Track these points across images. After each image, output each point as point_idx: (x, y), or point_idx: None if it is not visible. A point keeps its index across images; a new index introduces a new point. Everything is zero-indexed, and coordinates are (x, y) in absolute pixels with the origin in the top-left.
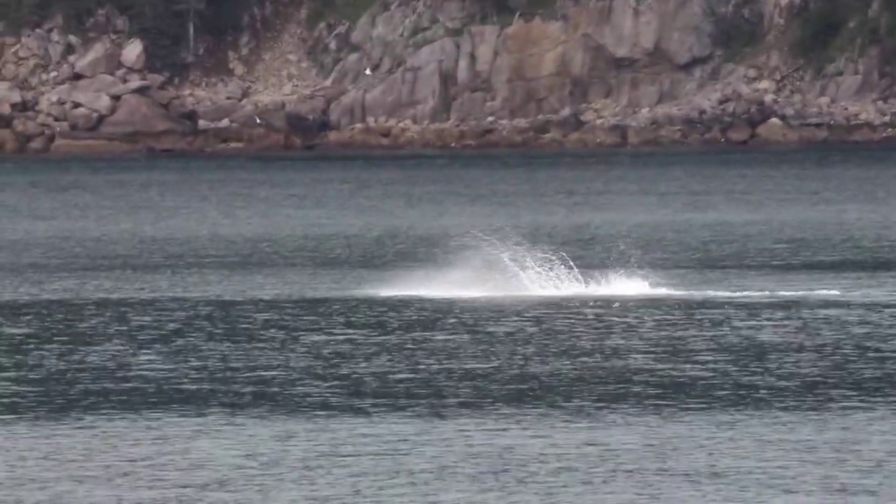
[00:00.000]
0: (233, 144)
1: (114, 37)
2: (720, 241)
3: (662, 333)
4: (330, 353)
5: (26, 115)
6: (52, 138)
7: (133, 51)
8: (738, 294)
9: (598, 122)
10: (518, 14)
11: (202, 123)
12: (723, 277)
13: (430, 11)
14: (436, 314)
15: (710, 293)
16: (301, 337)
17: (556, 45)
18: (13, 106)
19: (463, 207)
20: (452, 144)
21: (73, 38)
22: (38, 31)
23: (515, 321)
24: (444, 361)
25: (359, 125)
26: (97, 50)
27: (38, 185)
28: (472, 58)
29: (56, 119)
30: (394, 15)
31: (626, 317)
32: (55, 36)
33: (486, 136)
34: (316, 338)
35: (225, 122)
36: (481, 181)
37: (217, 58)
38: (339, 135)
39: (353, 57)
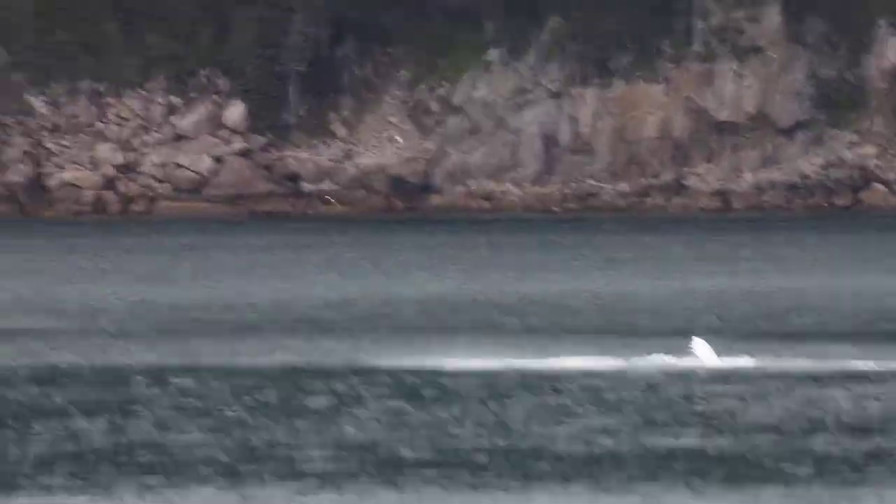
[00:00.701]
0: (334, 207)
1: (216, 97)
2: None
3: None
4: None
5: (129, 176)
6: (154, 200)
7: (235, 112)
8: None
9: (701, 186)
10: (620, 76)
11: (304, 186)
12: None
13: (532, 73)
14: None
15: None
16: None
17: (657, 109)
18: (116, 167)
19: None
20: (555, 208)
21: (174, 99)
22: (140, 91)
23: None
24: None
25: (461, 188)
26: (199, 111)
27: (137, 249)
28: (574, 120)
29: (159, 181)
30: (495, 76)
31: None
32: (157, 96)
33: (589, 200)
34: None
35: (327, 184)
36: (584, 246)
37: (319, 119)
38: (441, 198)
39: (455, 119)
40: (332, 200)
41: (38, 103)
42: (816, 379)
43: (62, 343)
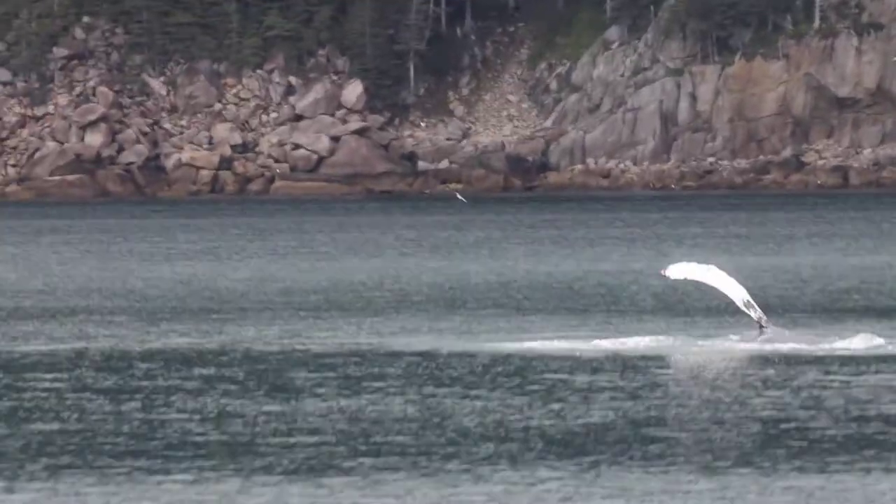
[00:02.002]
0: (452, 186)
1: (334, 77)
2: None
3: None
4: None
5: (246, 156)
6: (271, 180)
7: (353, 91)
8: None
9: (820, 163)
10: (740, 53)
11: (422, 165)
12: None
13: (651, 51)
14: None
15: None
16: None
17: (777, 85)
18: (234, 147)
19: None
20: (672, 186)
21: (293, 79)
22: (259, 72)
23: None
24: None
25: (579, 166)
26: (317, 91)
27: (255, 227)
28: (693, 98)
29: (276, 160)
30: (615, 55)
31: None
32: (276, 77)
33: (707, 178)
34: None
35: (445, 164)
36: (702, 223)
37: (437, 98)
38: (559, 176)
39: (574, 97)
40: (460, 197)
41: (156, 84)
42: None
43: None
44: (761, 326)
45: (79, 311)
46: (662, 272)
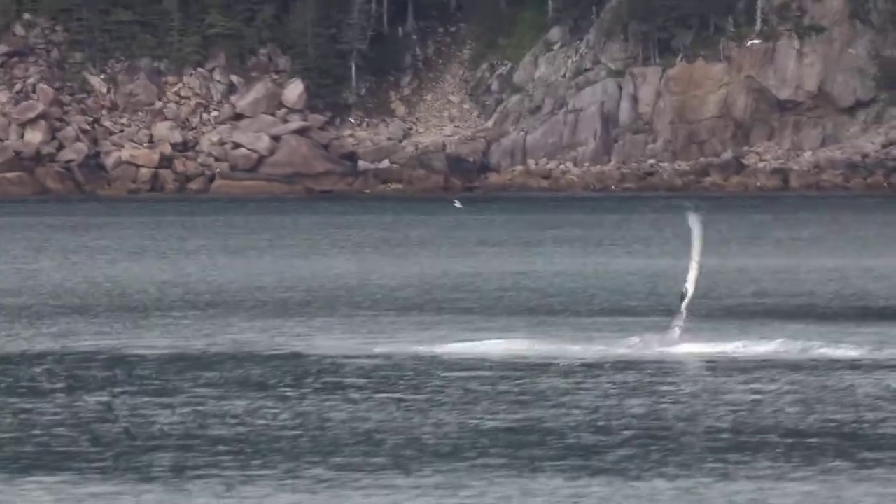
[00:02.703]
0: (393, 186)
1: (275, 76)
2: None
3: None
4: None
5: (186, 155)
6: (212, 179)
7: (294, 91)
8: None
9: (760, 165)
10: (681, 55)
11: (362, 164)
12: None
13: (592, 52)
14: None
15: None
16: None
17: (718, 87)
18: (174, 146)
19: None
20: (613, 187)
21: (234, 78)
22: (200, 70)
23: None
24: None
25: (519, 167)
26: (258, 90)
27: (192, 225)
28: (634, 99)
29: (216, 159)
30: (556, 55)
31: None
32: (217, 75)
33: (647, 179)
34: None
35: (385, 163)
36: (639, 224)
37: (379, 98)
38: (500, 177)
39: (516, 98)
40: (458, 203)
41: (96, 82)
42: None
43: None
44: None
45: None
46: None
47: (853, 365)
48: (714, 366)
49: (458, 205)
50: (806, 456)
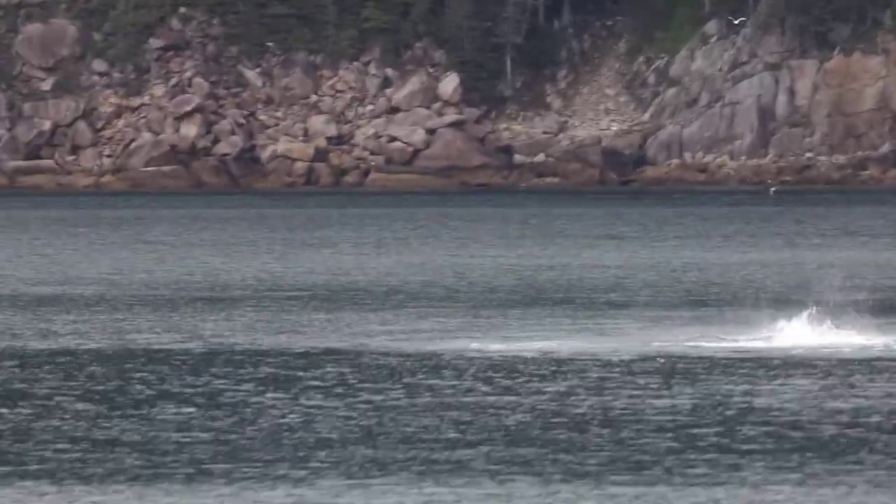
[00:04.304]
0: (548, 179)
1: (431, 70)
2: None
3: None
4: None
5: (342, 148)
6: (366, 172)
7: (450, 84)
8: None
9: None
10: (838, 48)
11: (518, 158)
12: None
13: (749, 45)
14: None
15: None
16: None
17: (876, 80)
18: (329, 139)
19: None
20: (769, 181)
21: (390, 72)
22: (355, 63)
23: None
24: None
25: (675, 161)
26: (414, 83)
27: (350, 218)
28: (791, 92)
29: (371, 153)
30: (713, 49)
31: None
32: (372, 69)
33: (804, 173)
34: None
35: (541, 157)
36: (799, 219)
37: (534, 92)
38: (656, 170)
39: (672, 91)
40: (774, 191)
41: (252, 75)
42: None
43: None
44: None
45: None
46: None
47: None
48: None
49: (773, 192)
50: None
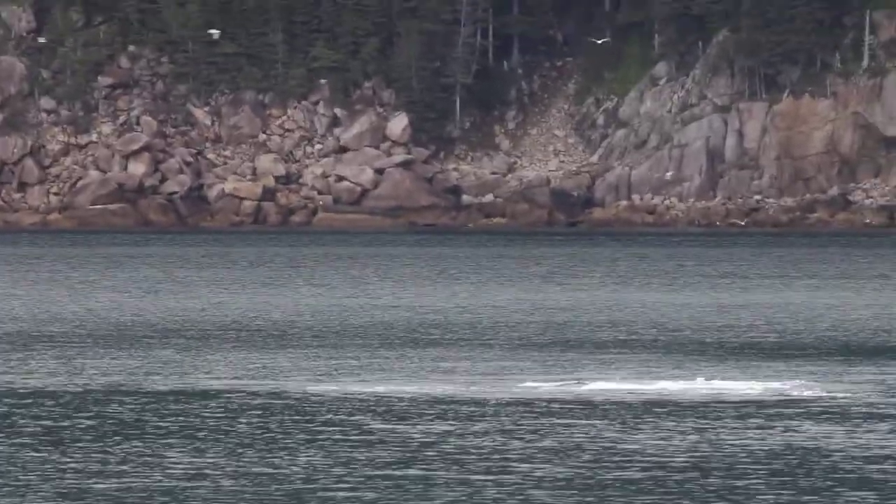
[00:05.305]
0: (496, 220)
1: (380, 110)
2: None
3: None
4: None
5: (290, 187)
6: (314, 212)
7: (398, 124)
8: None
9: (867, 202)
10: (787, 91)
11: (466, 199)
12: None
13: (698, 88)
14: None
15: None
16: None
17: (825, 124)
18: (277, 178)
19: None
20: (717, 223)
21: (338, 111)
22: (304, 103)
23: None
24: None
25: (624, 202)
26: (362, 123)
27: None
28: (740, 135)
29: (320, 192)
30: (662, 90)
31: None
32: (321, 108)
33: (753, 215)
34: None
35: (489, 198)
36: (746, 260)
37: (483, 132)
38: (604, 212)
39: (621, 133)
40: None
41: (200, 114)
42: None
43: None
44: None
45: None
46: None
47: None
48: None
49: None
50: None
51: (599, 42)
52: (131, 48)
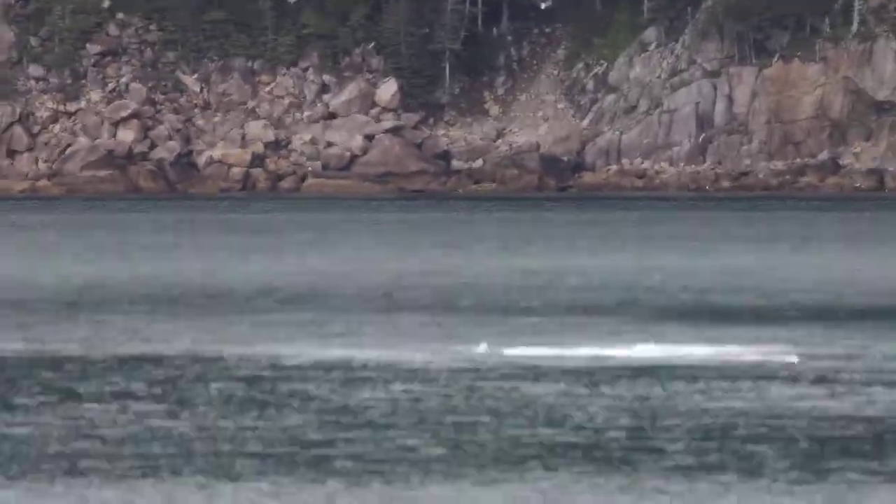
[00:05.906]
0: (486, 185)
1: (369, 76)
2: None
3: None
4: None
5: (279, 153)
6: (303, 178)
7: (388, 90)
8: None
9: (857, 166)
10: (777, 55)
11: (455, 164)
12: None
13: (687, 53)
14: None
15: None
16: None
17: (815, 88)
18: (266, 145)
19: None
20: (707, 187)
21: (327, 77)
22: (293, 69)
23: None
24: None
25: (614, 167)
26: (352, 89)
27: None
28: (730, 100)
29: (308, 158)
30: (652, 56)
31: None
32: (310, 75)
33: (742, 180)
34: None
35: (479, 163)
36: (734, 224)
37: (472, 98)
38: (594, 177)
39: (611, 98)
40: None
41: (189, 81)
42: None
43: None
44: None
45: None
46: None
47: None
48: None
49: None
50: None
51: (542, 7)
52: (120, 15)
